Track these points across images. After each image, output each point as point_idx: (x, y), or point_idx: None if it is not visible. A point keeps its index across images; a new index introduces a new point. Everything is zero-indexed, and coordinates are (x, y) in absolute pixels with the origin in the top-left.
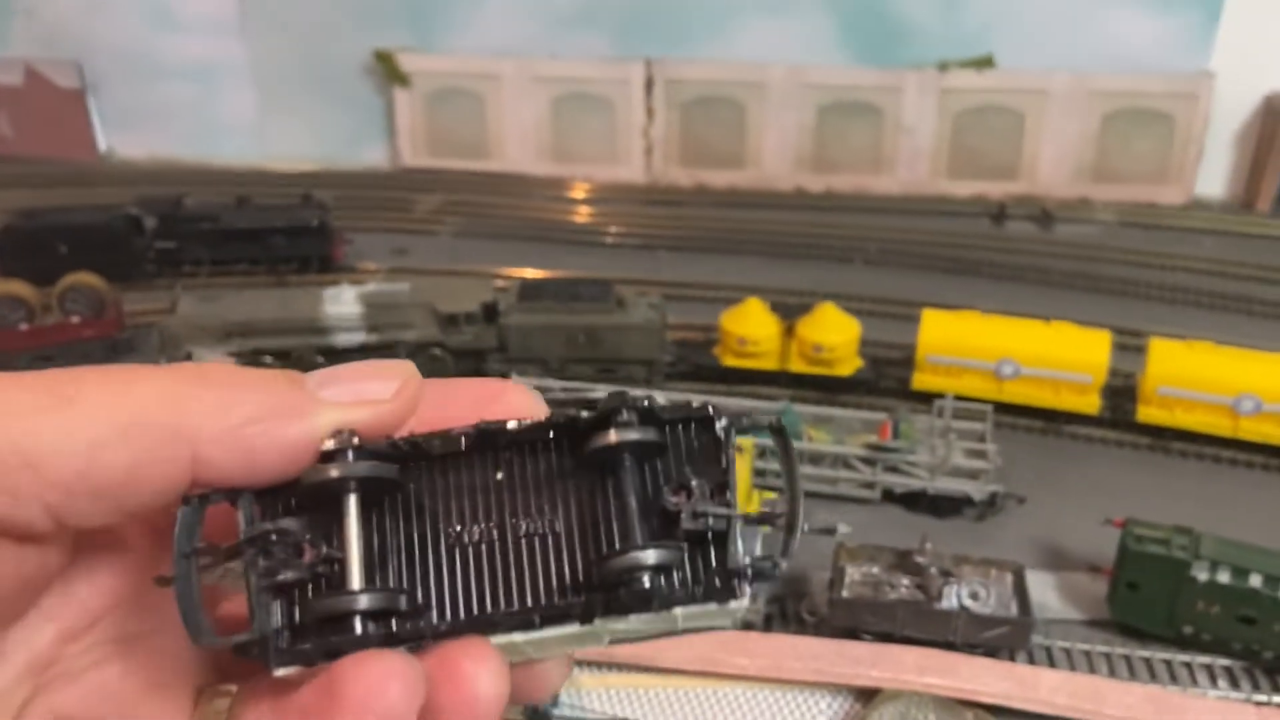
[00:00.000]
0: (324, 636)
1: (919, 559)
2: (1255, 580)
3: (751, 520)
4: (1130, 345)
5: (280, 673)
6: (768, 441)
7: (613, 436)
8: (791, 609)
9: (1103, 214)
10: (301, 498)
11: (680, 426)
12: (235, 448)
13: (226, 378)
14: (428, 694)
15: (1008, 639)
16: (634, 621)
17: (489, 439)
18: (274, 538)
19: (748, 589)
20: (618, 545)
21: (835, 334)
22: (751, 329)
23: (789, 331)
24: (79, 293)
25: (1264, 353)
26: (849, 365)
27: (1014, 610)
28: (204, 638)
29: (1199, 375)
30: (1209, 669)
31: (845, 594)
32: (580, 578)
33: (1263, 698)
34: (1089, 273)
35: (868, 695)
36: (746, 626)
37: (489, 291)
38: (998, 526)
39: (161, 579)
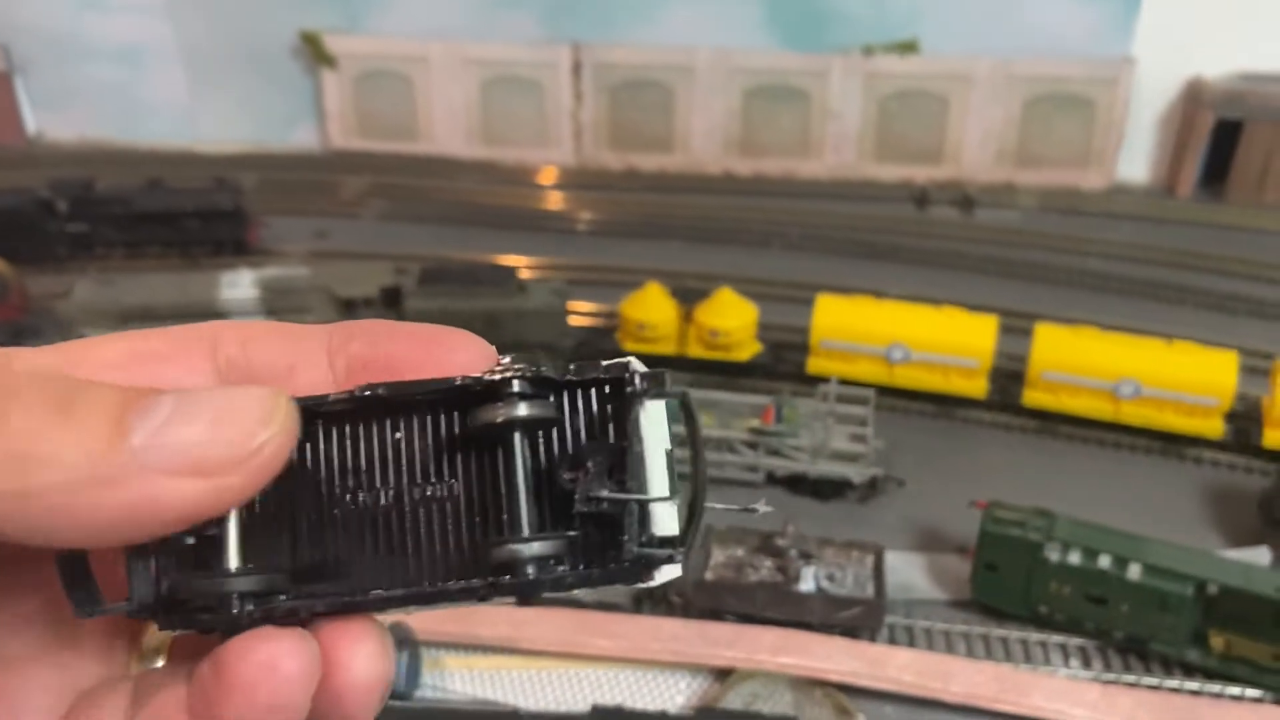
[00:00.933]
0: (202, 611)
1: (780, 542)
2: (1104, 561)
3: (651, 503)
4: (1029, 330)
5: (175, 633)
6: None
7: (499, 416)
8: (660, 590)
9: (1025, 199)
10: None
11: (586, 389)
12: (21, 520)
13: (24, 414)
14: None
15: (862, 619)
16: None
17: (372, 405)
18: None
19: (654, 575)
20: (504, 532)
21: (732, 319)
22: (650, 314)
23: (687, 317)
24: None
25: (1144, 337)
26: (746, 350)
27: (870, 591)
28: (85, 608)
29: (1082, 360)
30: (1062, 648)
31: (709, 576)
32: (478, 548)
33: (1110, 676)
34: (1006, 258)
35: (726, 675)
36: (611, 608)
37: (389, 275)
38: (879, 509)
39: None
